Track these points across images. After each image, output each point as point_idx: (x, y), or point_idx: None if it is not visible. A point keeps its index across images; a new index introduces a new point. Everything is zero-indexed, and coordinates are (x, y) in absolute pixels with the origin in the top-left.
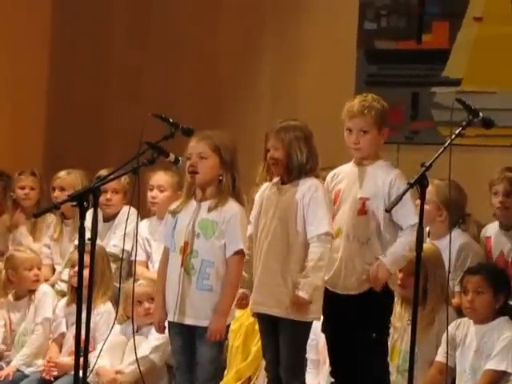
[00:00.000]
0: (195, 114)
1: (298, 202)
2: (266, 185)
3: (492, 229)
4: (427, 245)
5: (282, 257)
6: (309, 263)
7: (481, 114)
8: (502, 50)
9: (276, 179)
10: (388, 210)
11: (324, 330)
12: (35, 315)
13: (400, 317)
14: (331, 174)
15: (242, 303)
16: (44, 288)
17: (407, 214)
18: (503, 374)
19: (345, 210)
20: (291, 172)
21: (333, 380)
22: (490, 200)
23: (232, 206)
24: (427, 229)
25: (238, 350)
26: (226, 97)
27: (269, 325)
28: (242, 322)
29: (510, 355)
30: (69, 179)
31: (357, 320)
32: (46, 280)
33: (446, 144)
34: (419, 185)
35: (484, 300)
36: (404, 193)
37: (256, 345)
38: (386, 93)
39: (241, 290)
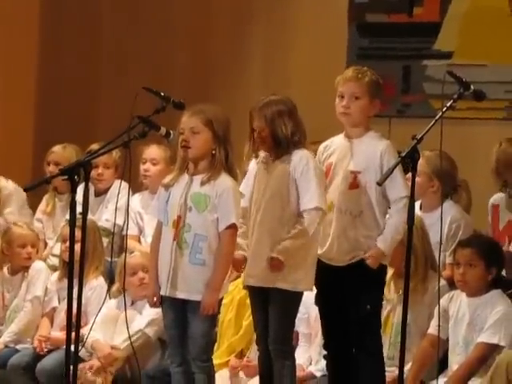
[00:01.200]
0: (186, 88)
1: (289, 175)
2: (259, 157)
3: (500, 197)
4: None
5: (274, 230)
6: (295, 230)
7: (472, 87)
8: (493, 23)
9: (264, 154)
10: (380, 184)
11: (317, 302)
12: (26, 292)
13: (392, 289)
14: (323, 145)
15: (240, 268)
16: (38, 265)
17: (395, 186)
18: (495, 347)
19: (337, 183)
20: (278, 147)
21: (325, 352)
22: (497, 174)
23: (225, 180)
24: (419, 202)
25: (230, 324)
26: (217, 71)
27: (260, 298)
28: (233, 295)
29: (502, 328)
30: (64, 154)
31: (351, 292)
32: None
33: (438, 117)
34: (410, 158)
35: (476, 273)
36: (395, 165)
37: (248, 319)
38: (378, 66)
39: (241, 252)
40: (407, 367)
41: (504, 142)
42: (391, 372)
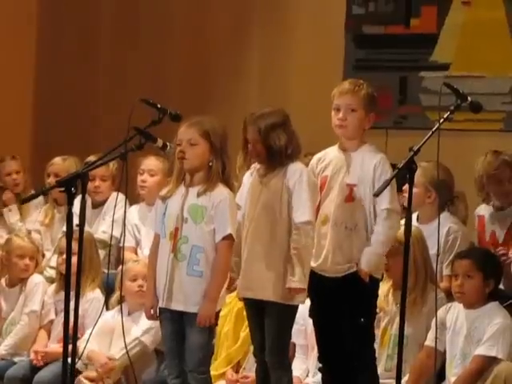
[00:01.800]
0: (183, 99)
1: (282, 188)
2: (252, 169)
3: (485, 208)
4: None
5: (266, 242)
6: (293, 252)
7: (469, 98)
8: (490, 35)
9: (258, 166)
10: (376, 195)
11: (311, 314)
12: (23, 305)
13: (391, 300)
14: (316, 157)
15: (231, 288)
16: (36, 279)
17: (381, 199)
18: (493, 360)
19: (332, 196)
20: (272, 160)
21: (320, 365)
22: (480, 187)
23: (221, 191)
24: (416, 213)
25: (228, 335)
26: (214, 82)
27: (255, 309)
28: (231, 307)
29: (500, 341)
30: (64, 165)
31: (344, 305)
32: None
33: (434, 128)
34: (408, 169)
35: (473, 284)
36: (393, 177)
37: (245, 330)
38: (375, 77)
39: (229, 275)
40: (405, 379)
41: (489, 153)
42: None
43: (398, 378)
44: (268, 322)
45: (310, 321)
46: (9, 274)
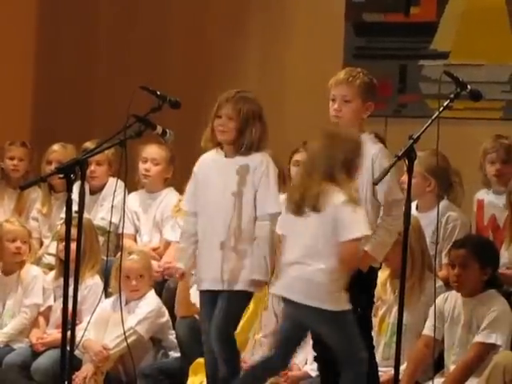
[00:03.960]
0: (182, 86)
1: (247, 177)
2: (204, 157)
3: (484, 192)
4: None
5: (229, 231)
6: (260, 242)
7: (469, 87)
8: (490, 23)
9: (216, 151)
10: (375, 183)
11: None
12: (23, 297)
13: (388, 289)
14: None
15: (182, 279)
16: (34, 271)
17: (387, 189)
18: (492, 347)
19: None
20: (241, 146)
21: (315, 354)
22: (481, 169)
23: None
24: (415, 202)
25: None
26: (213, 70)
27: (210, 298)
28: None
29: (498, 328)
30: (66, 153)
31: None
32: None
33: (434, 117)
34: (407, 157)
35: (470, 273)
36: (391, 166)
37: (243, 318)
38: (374, 66)
39: (180, 265)
40: (402, 367)
41: (492, 136)
42: (386, 372)
43: (397, 367)
44: (220, 308)
45: None
46: (3, 261)
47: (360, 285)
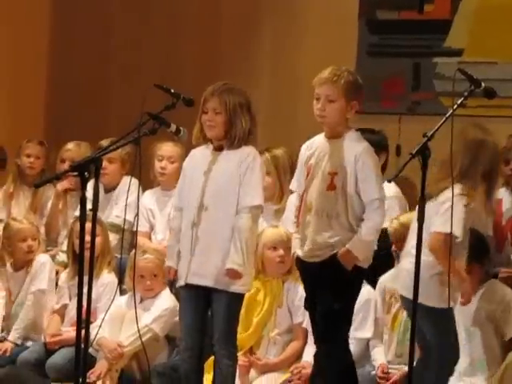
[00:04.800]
0: (196, 85)
1: (234, 170)
2: (193, 152)
3: (503, 192)
4: (409, 215)
5: (216, 226)
6: (236, 233)
7: (483, 84)
8: (504, 21)
9: (206, 145)
10: (390, 181)
11: (305, 303)
12: (30, 285)
13: None
14: (304, 145)
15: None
16: (42, 258)
17: (369, 188)
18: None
19: (316, 184)
20: (232, 140)
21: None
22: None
23: None
24: None
25: (240, 321)
26: (225, 70)
27: (203, 298)
28: None
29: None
30: (80, 151)
31: (321, 288)
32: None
33: (448, 114)
34: (421, 155)
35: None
36: (406, 163)
37: (257, 315)
38: (388, 63)
39: (169, 263)
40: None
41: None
42: (399, 369)
43: (410, 364)
44: (216, 309)
45: None
46: (13, 259)
47: (341, 281)
